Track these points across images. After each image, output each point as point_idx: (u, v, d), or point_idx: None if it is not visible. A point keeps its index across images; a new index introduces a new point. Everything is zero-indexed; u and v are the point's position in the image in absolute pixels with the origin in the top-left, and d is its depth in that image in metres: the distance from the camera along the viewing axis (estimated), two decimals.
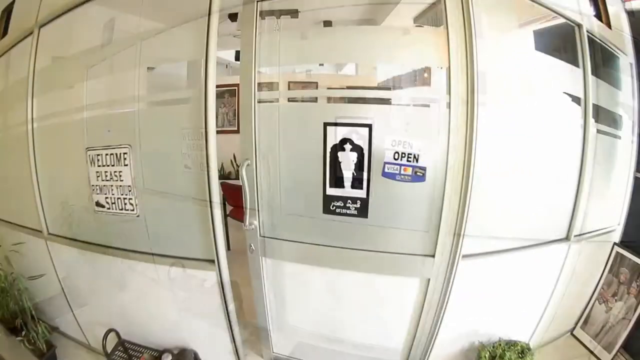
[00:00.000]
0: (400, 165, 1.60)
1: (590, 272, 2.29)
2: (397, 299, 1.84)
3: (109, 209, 2.00)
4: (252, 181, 1.82)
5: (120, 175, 1.91)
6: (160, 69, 1.85)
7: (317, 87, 1.94)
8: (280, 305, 2.07)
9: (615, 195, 2.26)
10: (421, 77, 1.54)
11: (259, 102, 1.72)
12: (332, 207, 1.73)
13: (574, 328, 2.38)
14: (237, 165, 6.06)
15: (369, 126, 1.60)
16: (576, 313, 2.37)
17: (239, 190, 3.60)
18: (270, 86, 1.70)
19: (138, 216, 1.95)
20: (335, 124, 1.65)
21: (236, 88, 5.98)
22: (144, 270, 1.99)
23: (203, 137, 1.70)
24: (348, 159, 1.65)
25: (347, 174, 1.67)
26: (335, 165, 1.68)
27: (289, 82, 1.81)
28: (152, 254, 1.95)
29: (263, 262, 1.96)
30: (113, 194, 1.96)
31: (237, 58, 6.21)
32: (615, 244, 2.28)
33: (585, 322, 2.35)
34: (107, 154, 1.91)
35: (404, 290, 1.80)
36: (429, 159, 1.59)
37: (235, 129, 6.28)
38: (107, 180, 1.95)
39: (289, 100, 1.79)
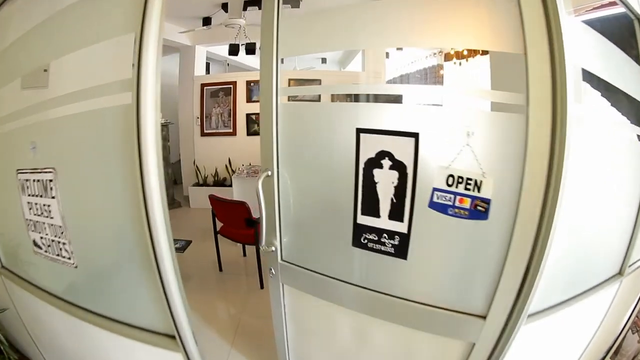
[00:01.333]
0: (455, 194, 1.15)
1: (626, 300, 2.05)
2: (432, 358, 1.44)
3: (46, 251, 1.47)
4: (270, 196, 1.42)
5: (49, 211, 1.36)
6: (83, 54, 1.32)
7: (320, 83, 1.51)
8: (300, 335, 1.72)
9: None
10: (485, 69, 1.11)
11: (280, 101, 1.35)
12: (364, 239, 1.32)
13: (603, 358, 2.17)
14: (232, 170, 5.57)
15: (416, 136, 1.16)
16: (607, 343, 2.16)
17: (229, 205, 3.17)
18: (291, 83, 1.26)
19: (76, 267, 1.43)
20: (371, 131, 1.22)
21: (232, 86, 5.50)
22: (98, 333, 1.47)
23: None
24: (386, 179, 1.23)
25: (385, 199, 1.25)
26: (370, 185, 1.26)
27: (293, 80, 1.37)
28: (102, 316, 1.45)
29: (283, 289, 1.59)
30: (47, 234, 1.41)
31: (231, 52, 5.60)
32: None
33: (616, 352, 2.17)
34: (34, 180, 1.36)
35: (441, 349, 1.40)
36: (496, 187, 1.13)
37: (231, 130, 5.88)
38: (39, 215, 1.40)
39: (303, 100, 1.38)
